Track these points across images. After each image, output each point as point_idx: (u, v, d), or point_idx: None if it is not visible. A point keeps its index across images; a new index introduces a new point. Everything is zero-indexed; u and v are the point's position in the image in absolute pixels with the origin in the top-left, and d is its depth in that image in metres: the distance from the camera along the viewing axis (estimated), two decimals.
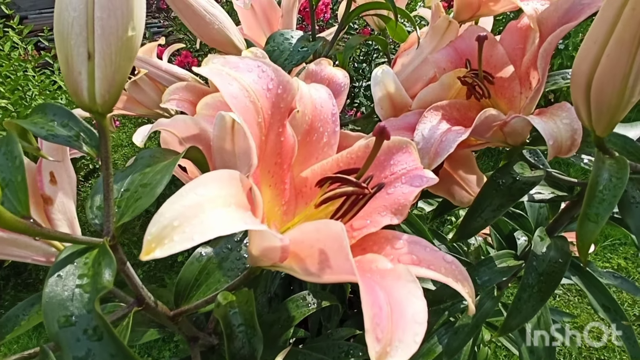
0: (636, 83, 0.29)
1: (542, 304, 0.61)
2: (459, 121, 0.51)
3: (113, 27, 0.28)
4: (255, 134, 0.28)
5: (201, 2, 0.54)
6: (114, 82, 0.30)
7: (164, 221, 0.19)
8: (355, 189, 0.30)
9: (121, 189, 0.37)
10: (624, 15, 0.26)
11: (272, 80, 0.30)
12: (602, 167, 0.36)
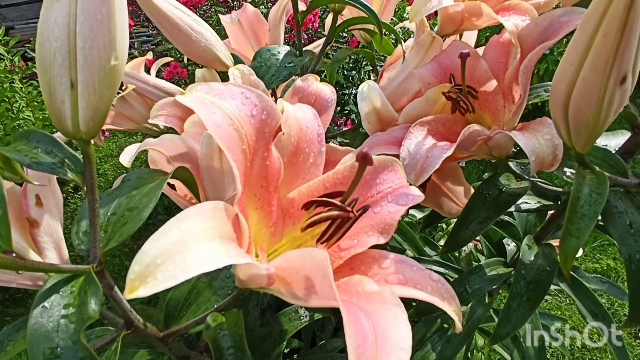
0: (611, 104, 0.30)
1: (531, 312, 0.61)
2: (445, 135, 0.52)
3: (95, 57, 0.28)
4: (240, 161, 0.28)
5: (187, 20, 0.55)
6: (98, 110, 0.30)
7: (147, 259, 0.19)
8: (339, 213, 0.31)
9: (108, 212, 0.37)
10: (596, 40, 0.27)
11: (256, 106, 0.30)
12: (583, 183, 0.37)
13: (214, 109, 0.27)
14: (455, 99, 0.51)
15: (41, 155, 0.33)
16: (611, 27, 0.26)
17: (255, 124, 0.30)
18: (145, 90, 0.81)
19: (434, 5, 0.53)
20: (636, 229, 0.50)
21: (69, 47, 0.28)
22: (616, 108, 0.30)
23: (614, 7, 0.26)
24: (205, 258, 0.20)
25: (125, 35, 0.30)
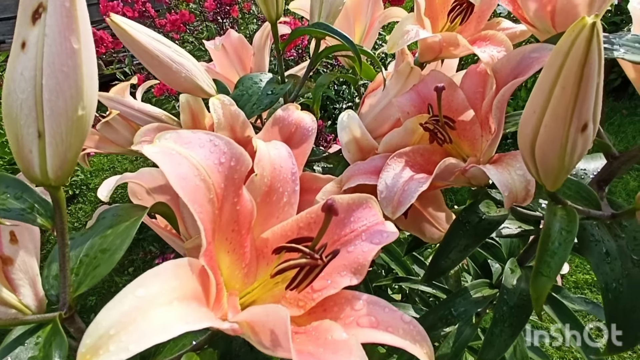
0: (574, 150, 0.30)
1: (514, 337, 0.61)
2: (423, 166, 0.53)
3: (62, 109, 0.28)
4: (207, 211, 0.28)
5: (167, 52, 0.55)
6: (66, 159, 0.30)
7: (100, 330, 0.19)
8: (307, 261, 0.31)
9: (80, 254, 0.37)
10: (555, 92, 0.28)
11: (225, 154, 0.30)
12: (554, 220, 0.37)
13: (180, 160, 0.27)
14: (433, 130, 0.52)
15: (10, 201, 0.33)
16: (568, 81, 0.27)
17: (224, 172, 0.30)
18: (130, 115, 0.81)
19: (411, 37, 0.54)
20: (612, 257, 0.50)
21: (36, 99, 0.28)
22: (580, 153, 0.31)
23: (569, 62, 0.27)
24: (161, 327, 0.19)
25: (93, 84, 0.30)
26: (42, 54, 0.27)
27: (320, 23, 0.62)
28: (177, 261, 0.24)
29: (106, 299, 0.41)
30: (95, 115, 0.89)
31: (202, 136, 0.30)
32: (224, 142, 0.31)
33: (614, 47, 0.41)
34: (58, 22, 0.27)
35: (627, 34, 0.43)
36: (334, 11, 0.68)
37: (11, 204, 0.33)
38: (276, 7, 0.58)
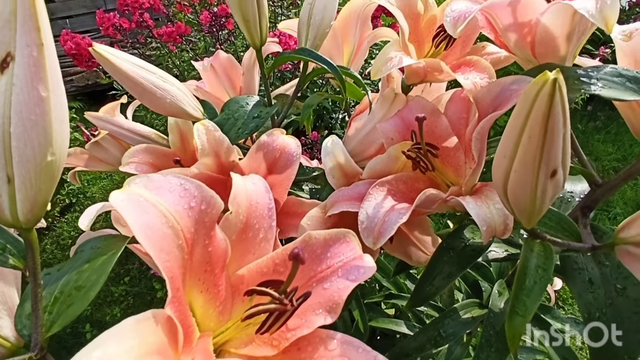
0: (545, 194, 0.30)
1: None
2: (406, 194, 0.52)
3: (30, 155, 0.28)
4: (176, 257, 0.28)
5: (151, 79, 0.55)
6: (37, 202, 0.30)
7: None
8: (277, 307, 0.31)
9: (54, 291, 0.37)
10: (522, 140, 0.28)
11: (195, 198, 0.30)
12: (531, 256, 0.37)
13: (147, 208, 0.27)
14: (415, 158, 0.52)
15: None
16: (534, 131, 0.27)
17: (194, 216, 0.30)
18: (120, 134, 0.81)
19: (395, 64, 0.54)
20: (596, 286, 0.50)
21: (4, 146, 0.28)
22: (551, 196, 0.31)
23: (534, 114, 0.27)
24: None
25: (64, 129, 0.30)
26: (9, 103, 0.27)
27: (304, 49, 0.62)
28: (139, 316, 0.24)
29: (101, 309, 0.41)
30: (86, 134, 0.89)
31: (173, 180, 0.30)
32: (194, 185, 0.31)
33: (591, 81, 0.41)
34: (26, 71, 0.27)
35: (605, 66, 0.43)
36: (320, 34, 0.68)
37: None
38: (260, 34, 0.58)
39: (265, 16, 0.58)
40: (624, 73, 0.42)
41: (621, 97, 0.39)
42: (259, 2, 0.54)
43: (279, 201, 0.61)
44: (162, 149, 0.74)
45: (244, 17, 0.55)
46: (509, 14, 0.44)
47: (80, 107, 4.26)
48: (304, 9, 0.68)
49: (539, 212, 0.32)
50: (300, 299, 0.32)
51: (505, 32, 0.47)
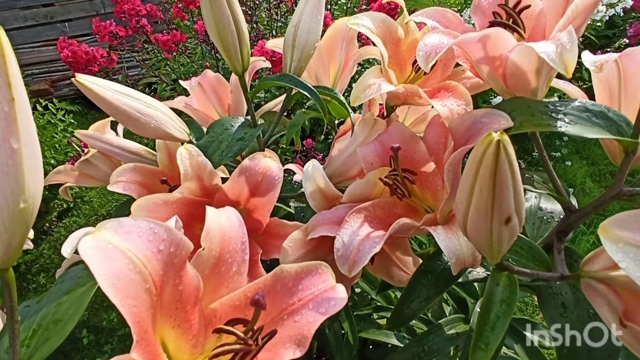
0: (501, 239, 0.32)
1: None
2: (384, 220, 0.54)
3: (3, 203, 0.29)
4: (144, 301, 0.29)
5: (134, 105, 0.56)
6: (11, 246, 0.31)
7: None
8: (241, 347, 0.32)
9: (32, 325, 0.38)
10: (475, 191, 0.29)
11: (164, 241, 0.32)
12: (496, 290, 0.38)
13: (115, 255, 0.29)
14: (392, 185, 0.53)
15: None
16: (483, 185, 0.28)
17: (162, 259, 0.31)
18: (109, 151, 0.82)
19: (373, 91, 0.55)
20: (569, 310, 0.51)
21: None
22: (508, 240, 0.32)
23: (482, 170, 0.28)
24: None
25: (36, 176, 0.31)
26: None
27: (286, 75, 0.63)
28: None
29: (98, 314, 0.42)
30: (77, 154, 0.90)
31: (142, 224, 0.31)
32: (163, 229, 0.32)
33: (558, 117, 0.42)
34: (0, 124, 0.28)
35: (573, 101, 0.44)
36: (305, 55, 0.70)
37: None
38: (241, 62, 0.59)
39: (246, 44, 0.59)
40: (591, 108, 0.43)
41: (586, 134, 0.40)
42: (239, 32, 0.55)
43: (262, 222, 0.62)
44: (150, 167, 0.75)
45: (224, 46, 0.56)
46: (480, 49, 0.45)
47: (78, 110, 4.27)
48: (289, 31, 0.69)
49: (498, 252, 0.34)
50: (265, 338, 0.33)
51: (478, 64, 0.48)
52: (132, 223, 0.31)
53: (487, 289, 0.39)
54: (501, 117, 0.44)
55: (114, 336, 2.18)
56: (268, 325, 0.37)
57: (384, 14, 0.61)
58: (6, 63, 0.28)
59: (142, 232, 0.31)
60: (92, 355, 2.10)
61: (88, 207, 3.06)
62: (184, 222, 0.53)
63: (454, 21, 0.54)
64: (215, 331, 0.34)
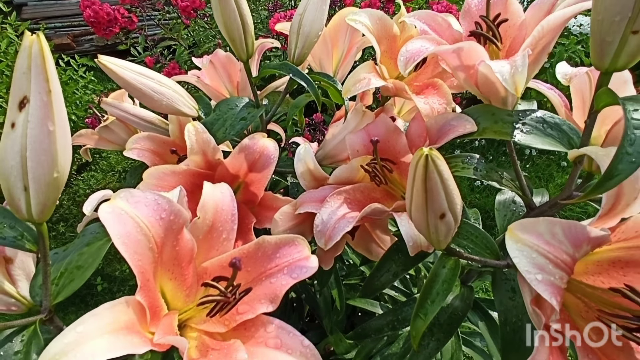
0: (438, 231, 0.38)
1: (439, 349, 0.70)
2: (362, 202, 0.60)
3: (41, 173, 0.37)
4: (147, 257, 0.37)
5: (149, 84, 0.63)
6: (46, 205, 0.40)
7: (49, 355, 0.28)
8: (221, 298, 0.40)
9: (60, 268, 0.47)
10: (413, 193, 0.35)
11: (166, 210, 0.39)
12: (441, 271, 0.46)
13: (126, 220, 0.36)
14: (371, 172, 0.59)
15: (6, 230, 0.43)
16: (418, 189, 0.35)
17: (164, 225, 0.39)
18: (126, 119, 0.90)
19: (363, 85, 0.61)
20: (517, 296, 0.58)
21: (22, 165, 0.37)
22: (445, 233, 0.39)
23: (416, 177, 0.34)
24: (90, 355, 0.29)
25: (66, 153, 0.38)
26: (26, 134, 0.36)
27: (286, 64, 0.68)
28: (114, 302, 0.33)
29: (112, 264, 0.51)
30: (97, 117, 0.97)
31: (149, 196, 0.39)
32: (165, 200, 0.39)
33: (516, 126, 0.48)
34: (38, 111, 0.36)
35: (535, 112, 0.49)
36: (308, 43, 0.74)
37: (7, 233, 0.42)
38: (246, 50, 0.65)
39: (251, 35, 0.64)
40: (548, 120, 0.48)
41: (537, 145, 0.46)
42: (244, 25, 0.61)
43: (257, 195, 0.70)
44: (162, 137, 0.83)
45: (231, 37, 0.61)
46: (456, 58, 0.50)
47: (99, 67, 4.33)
48: (295, 19, 0.74)
49: (438, 242, 0.40)
50: (242, 294, 0.41)
51: (455, 71, 0.53)
52: (140, 194, 0.39)
53: (433, 269, 0.46)
54: (467, 122, 0.49)
55: (126, 285, 2.35)
56: (249, 284, 0.45)
57: (381, 12, 0.65)
58: (46, 63, 0.35)
59: (149, 202, 0.39)
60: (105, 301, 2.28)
61: (105, 163, 3.20)
62: (189, 191, 0.60)
63: (442, 25, 0.59)
64: (203, 285, 0.43)
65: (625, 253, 0.40)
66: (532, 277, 0.31)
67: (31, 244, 0.44)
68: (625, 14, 0.33)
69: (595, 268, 0.42)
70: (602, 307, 0.38)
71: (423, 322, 0.44)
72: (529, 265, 0.31)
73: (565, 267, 0.32)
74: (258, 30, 2.25)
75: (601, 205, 0.34)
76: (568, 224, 0.32)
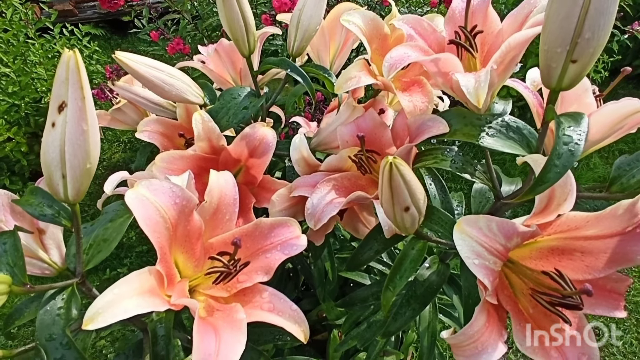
0: (404, 222, 0.46)
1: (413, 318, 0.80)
2: (349, 188, 0.68)
3: (76, 164, 0.45)
4: (164, 235, 0.46)
5: (160, 76, 0.69)
6: (80, 190, 0.48)
7: (94, 309, 0.37)
8: (224, 270, 0.49)
9: (89, 240, 0.56)
10: (382, 189, 0.43)
11: (179, 197, 0.47)
12: (410, 252, 0.54)
13: (148, 204, 0.44)
14: (357, 162, 0.67)
15: (45, 208, 0.51)
16: (385, 186, 0.42)
17: (177, 208, 0.47)
18: (136, 101, 0.96)
19: (354, 83, 0.67)
20: None
21: (61, 157, 0.45)
22: (411, 223, 0.47)
23: (384, 178, 0.41)
24: (124, 311, 0.38)
25: (96, 148, 0.46)
26: (64, 132, 0.43)
27: (285, 60, 0.74)
28: (140, 271, 0.42)
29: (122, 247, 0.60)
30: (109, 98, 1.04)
31: (165, 185, 0.47)
32: (179, 189, 0.47)
33: (483, 129, 0.55)
34: (74, 114, 0.43)
35: (500, 116, 0.56)
36: (307, 36, 0.80)
37: (46, 211, 0.51)
38: (248, 47, 0.71)
39: (253, 34, 0.70)
40: (511, 124, 0.55)
41: (499, 148, 0.53)
42: (246, 25, 0.66)
43: (257, 178, 0.78)
44: (170, 121, 0.90)
45: (234, 36, 0.67)
46: (434, 66, 0.56)
47: (102, 34, 4.31)
48: (294, 14, 0.79)
49: (405, 229, 0.48)
50: (242, 266, 0.49)
51: (434, 76, 0.59)
52: (158, 183, 0.47)
53: (403, 250, 0.54)
54: (440, 124, 0.56)
55: (133, 252, 2.48)
56: (247, 258, 0.54)
57: (373, 13, 0.70)
58: (80, 75, 0.42)
59: (165, 190, 0.47)
60: (114, 266, 2.40)
61: (111, 134, 3.27)
62: (196, 174, 0.68)
63: (427, 29, 0.64)
64: (210, 258, 0.51)
65: (562, 243, 0.48)
66: (471, 262, 0.39)
67: (66, 220, 0.52)
68: (565, 47, 0.39)
69: (538, 254, 0.50)
70: (535, 286, 0.46)
71: (392, 294, 0.52)
72: (469, 252, 0.39)
73: (499, 254, 0.40)
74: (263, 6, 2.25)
75: (534, 205, 0.42)
76: (502, 221, 0.40)
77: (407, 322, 0.80)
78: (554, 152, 0.39)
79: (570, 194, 0.42)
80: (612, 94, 2.64)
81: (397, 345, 1.46)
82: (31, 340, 2.06)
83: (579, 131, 0.41)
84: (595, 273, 0.46)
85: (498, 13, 0.63)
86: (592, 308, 0.48)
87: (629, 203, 0.42)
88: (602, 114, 0.59)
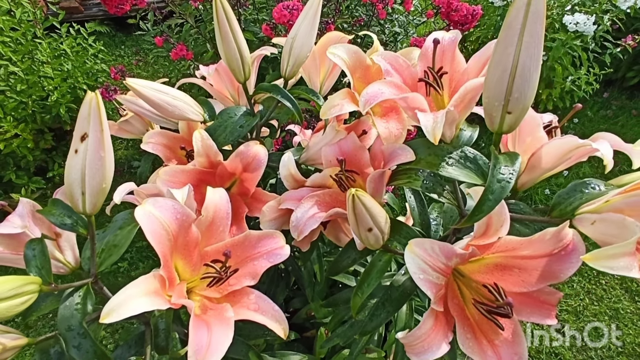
0: (368, 240, 0.54)
1: (388, 319, 0.89)
2: (330, 204, 0.77)
3: (94, 185, 0.54)
4: (166, 245, 0.54)
5: (164, 98, 0.78)
6: (96, 206, 0.56)
7: (109, 307, 0.46)
8: (216, 275, 0.57)
9: (102, 245, 0.64)
10: (348, 213, 0.51)
11: (179, 213, 0.56)
12: (377, 264, 0.63)
13: (153, 220, 0.53)
14: (337, 181, 0.76)
15: (65, 218, 0.60)
16: (350, 212, 0.51)
17: (178, 222, 0.56)
18: (142, 113, 1.05)
19: (337, 110, 0.76)
20: None
21: (82, 178, 0.53)
22: (374, 240, 0.55)
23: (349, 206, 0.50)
24: (133, 308, 0.46)
25: (111, 171, 0.55)
26: (85, 157, 0.52)
27: (276, 86, 0.83)
28: (147, 275, 0.50)
29: None
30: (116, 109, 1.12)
31: (168, 203, 0.56)
32: (179, 206, 0.56)
33: (444, 159, 0.63)
34: (94, 143, 0.52)
35: (462, 148, 0.65)
36: (298, 62, 0.88)
37: (66, 220, 0.59)
38: (243, 75, 0.79)
39: (248, 64, 0.78)
40: (468, 154, 0.63)
41: (457, 177, 0.61)
42: (242, 58, 0.75)
43: (249, 190, 0.87)
44: (173, 134, 0.98)
45: (231, 67, 0.76)
46: (404, 102, 0.65)
47: (107, 31, 4.39)
48: (287, 41, 0.87)
49: (372, 245, 0.57)
50: (232, 272, 0.58)
51: (405, 110, 0.67)
52: (162, 202, 0.55)
53: (371, 261, 0.63)
54: (408, 152, 0.65)
55: (133, 247, 2.57)
56: (237, 265, 0.62)
57: (356, 47, 0.79)
58: (100, 111, 0.50)
59: (168, 207, 0.55)
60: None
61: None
62: (195, 185, 0.77)
63: (403, 65, 0.73)
64: (204, 265, 0.60)
65: (503, 260, 0.57)
66: (417, 277, 0.48)
67: (83, 229, 0.61)
68: (500, 102, 0.48)
69: (485, 269, 0.59)
70: (477, 296, 0.55)
71: (360, 299, 0.61)
72: (416, 268, 0.48)
73: (441, 271, 0.48)
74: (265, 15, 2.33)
75: (474, 230, 0.50)
76: (443, 245, 0.48)
77: (382, 323, 0.89)
78: (488, 187, 0.47)
79: (505, 220, 0.51)
80: (605, 105, 2.79)
81: (380, 344, 1.55)
82: (44, 330, 2.16)
83: (512, 170, 0.49)
84: (529, 287, 0.54)
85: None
86: (527, 316, 0.57)
87: (555, 230, 0.51)
88: (551, 146, 0.67)
